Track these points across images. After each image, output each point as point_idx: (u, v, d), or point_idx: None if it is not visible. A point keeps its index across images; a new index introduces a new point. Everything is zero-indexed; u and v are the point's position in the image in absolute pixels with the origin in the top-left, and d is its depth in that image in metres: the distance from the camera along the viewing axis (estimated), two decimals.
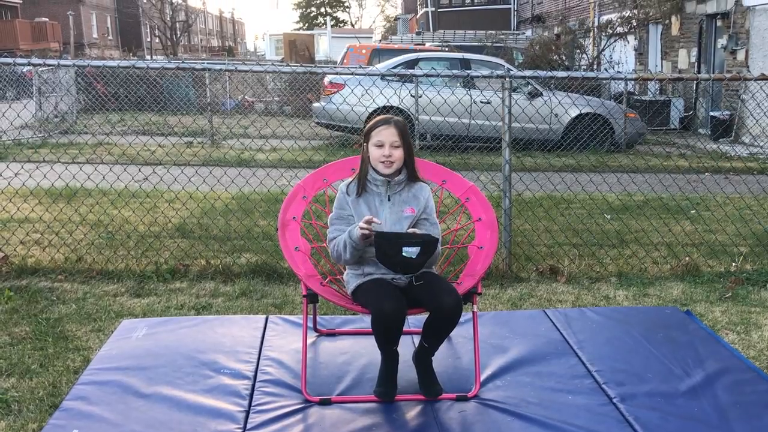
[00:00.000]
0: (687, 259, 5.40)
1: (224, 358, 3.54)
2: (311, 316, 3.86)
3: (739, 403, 3.16)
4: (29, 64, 5.21)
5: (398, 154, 3.20)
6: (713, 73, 14.85)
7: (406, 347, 3.36)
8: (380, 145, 3.19)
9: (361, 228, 3.04)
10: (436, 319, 3.11)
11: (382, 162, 3.19)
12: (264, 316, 4.14)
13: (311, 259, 3.45)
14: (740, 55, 14.15)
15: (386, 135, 3.18)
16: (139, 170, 6.86)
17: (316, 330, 3.89)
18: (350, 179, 3.31)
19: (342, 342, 3.79)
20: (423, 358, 3.24)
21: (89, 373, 3.37)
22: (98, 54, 40.05)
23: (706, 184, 7.72)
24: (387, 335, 3.06)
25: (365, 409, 3.11)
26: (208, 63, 7.19)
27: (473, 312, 3.33)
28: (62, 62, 5.49)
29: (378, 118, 3.29)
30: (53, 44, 38.65)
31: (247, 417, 3.01)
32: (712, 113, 14.32)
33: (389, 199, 3.22)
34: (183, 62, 6.11)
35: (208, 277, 5.06)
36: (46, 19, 39.56)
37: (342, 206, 3.26)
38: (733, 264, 5.39)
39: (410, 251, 2.98)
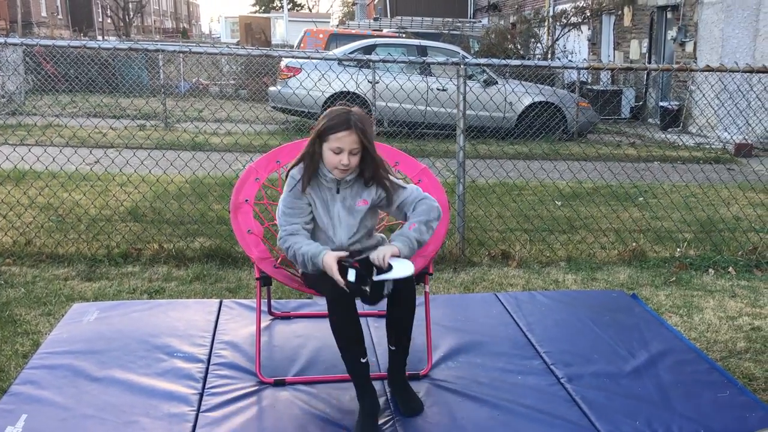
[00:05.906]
0: (634, 244, 5.56)
1: (177, 341, 3.53)
2: (265, 300, 3.86)
3: (680, 382, 3.28)
4: None
5: (356, 160, 2.91)
6: (663, 64, 15.19)
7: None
8: (338, 152, 2.87)
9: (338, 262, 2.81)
10: (394, 308, 3.00)
11: (338, 169, 2.91)
12: (218, 300, 4.13)
13: (265, 242, 3.45)
14: (689, 47, 14.49)
15: (347, 142, 2.85)
16: (90, 153, 6.75)
17: (270, 313, 3.89)
18: (298, 163, 3.03)
19: (296, 325, 3.81)
20: (396, 371, 3.05)
21: (39, 357, 3.32)
22: (47, 33, 38.90)
23: (654, 173, 7.92)
24: (345, 320, 2.93)
25: (319, 389, 3.14)
26: (161, 44, 7.09)
27: (425, 293, 3.36)
28: (9, 40, 5.35)
29: (335, 115, 2.89)
30: None
31: (200, 399, 3.01)
32: (661, 103, 14.65)
33: (338, 192, 3.02)
34: (136, 43, 6.02)
35: (160, 261, 5.02)
36: None
37: (297, 195, 2.99)
38: (678, 250, 5.57)
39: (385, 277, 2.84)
